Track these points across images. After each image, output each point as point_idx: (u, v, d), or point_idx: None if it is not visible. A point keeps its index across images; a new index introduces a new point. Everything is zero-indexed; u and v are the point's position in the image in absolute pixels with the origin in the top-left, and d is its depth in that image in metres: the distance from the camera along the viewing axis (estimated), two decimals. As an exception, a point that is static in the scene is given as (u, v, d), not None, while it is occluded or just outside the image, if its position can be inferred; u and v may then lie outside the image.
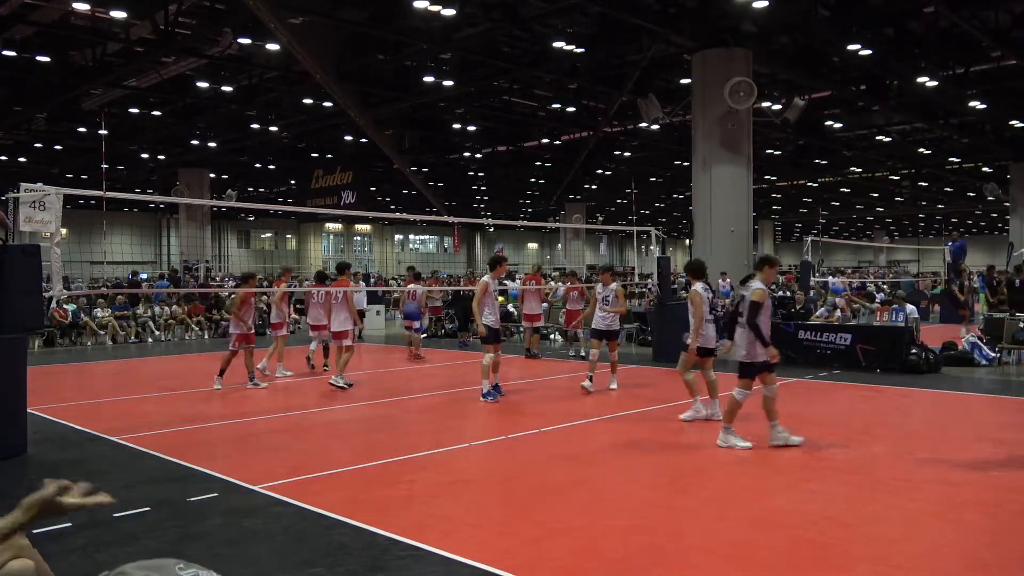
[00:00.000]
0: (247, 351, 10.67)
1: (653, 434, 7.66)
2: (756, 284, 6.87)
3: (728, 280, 18.86)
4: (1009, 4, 16.28)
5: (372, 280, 33.30)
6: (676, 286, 17.41)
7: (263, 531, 4.65)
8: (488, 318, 9.57)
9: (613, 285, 10.24)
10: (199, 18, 18.03)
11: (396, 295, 23.43)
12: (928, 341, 12.52)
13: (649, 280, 15.13)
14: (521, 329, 17.27)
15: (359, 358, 14.30)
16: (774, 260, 7.25)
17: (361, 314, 17.91)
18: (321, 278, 12.49)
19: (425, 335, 16.87)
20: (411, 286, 15.18)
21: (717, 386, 8.16)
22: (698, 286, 8.20)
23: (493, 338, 9.56)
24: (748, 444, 6.66)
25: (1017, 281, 15.29)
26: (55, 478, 1.53)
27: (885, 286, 25.66)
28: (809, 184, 41.53)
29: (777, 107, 22.54)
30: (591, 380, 9.90)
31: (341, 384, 10.35)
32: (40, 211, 6.84)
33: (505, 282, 25.72)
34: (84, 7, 16.09)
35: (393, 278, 40.44)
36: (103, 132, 23.98)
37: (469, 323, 15.44)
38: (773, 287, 26.05)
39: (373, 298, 20.58)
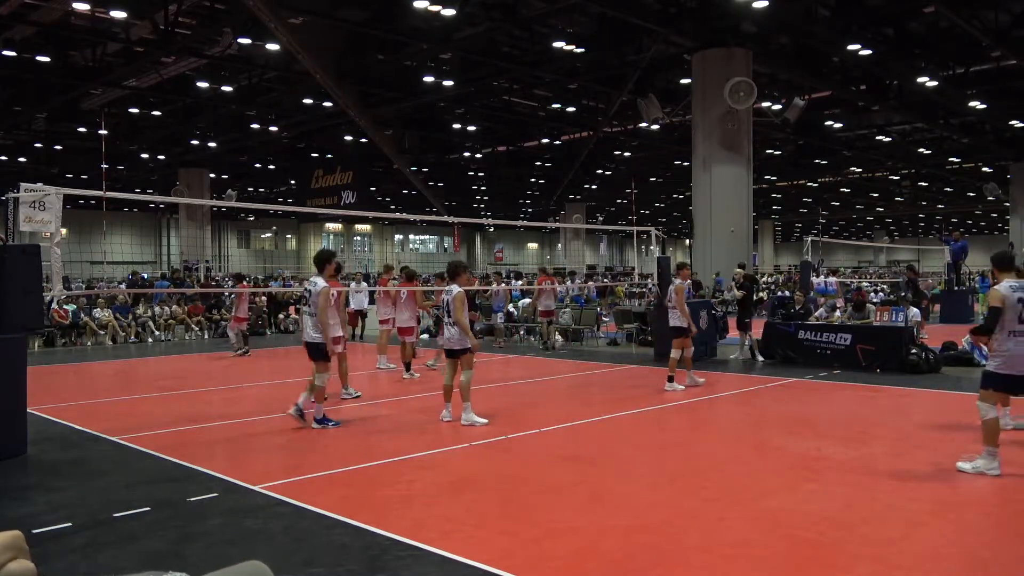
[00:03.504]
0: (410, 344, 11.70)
1: (653, 434, 7.66)
2: None
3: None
4: (1009, 4, 16.29)
5: (372, 280, 33.27)
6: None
7: (263, 531, 4.64)
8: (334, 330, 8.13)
9: (455, 289, 7.88)
10: (199, 18, 18.05)
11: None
12: (928, 341, 12.51)
13: (649, 280, 15.14)
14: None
15: (359, 358, 14.30)
16: None
17: (362, 314, 17.94)
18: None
19: (425, 335, 16.90)
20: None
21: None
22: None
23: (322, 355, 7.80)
24: None
25: None
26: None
27: (884, 286, 25.64)
28: (809, 184, 41.56)
29: (777, 107, 22.55)
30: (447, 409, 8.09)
31: (353, 394, 9.87)
32: (40, 211, 6.84)
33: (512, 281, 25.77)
34: (84, 7, 16.11)
35: (393, 278, 40.38)
36: (103, 132, 24.00)
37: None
38: (772, 287, 26.10)
39: (374, 298, 20.53)
